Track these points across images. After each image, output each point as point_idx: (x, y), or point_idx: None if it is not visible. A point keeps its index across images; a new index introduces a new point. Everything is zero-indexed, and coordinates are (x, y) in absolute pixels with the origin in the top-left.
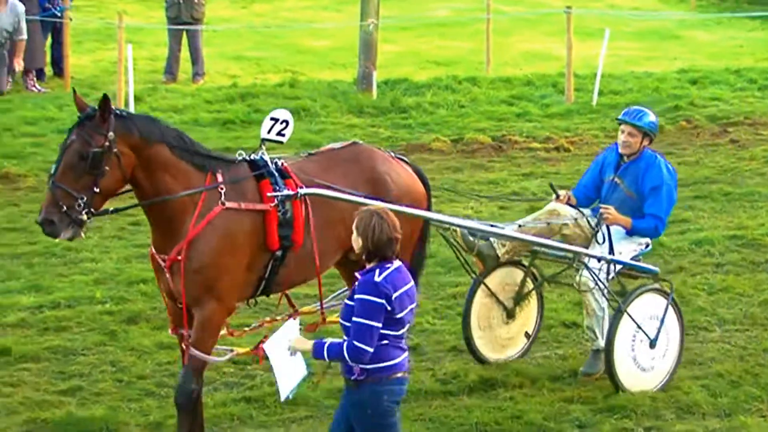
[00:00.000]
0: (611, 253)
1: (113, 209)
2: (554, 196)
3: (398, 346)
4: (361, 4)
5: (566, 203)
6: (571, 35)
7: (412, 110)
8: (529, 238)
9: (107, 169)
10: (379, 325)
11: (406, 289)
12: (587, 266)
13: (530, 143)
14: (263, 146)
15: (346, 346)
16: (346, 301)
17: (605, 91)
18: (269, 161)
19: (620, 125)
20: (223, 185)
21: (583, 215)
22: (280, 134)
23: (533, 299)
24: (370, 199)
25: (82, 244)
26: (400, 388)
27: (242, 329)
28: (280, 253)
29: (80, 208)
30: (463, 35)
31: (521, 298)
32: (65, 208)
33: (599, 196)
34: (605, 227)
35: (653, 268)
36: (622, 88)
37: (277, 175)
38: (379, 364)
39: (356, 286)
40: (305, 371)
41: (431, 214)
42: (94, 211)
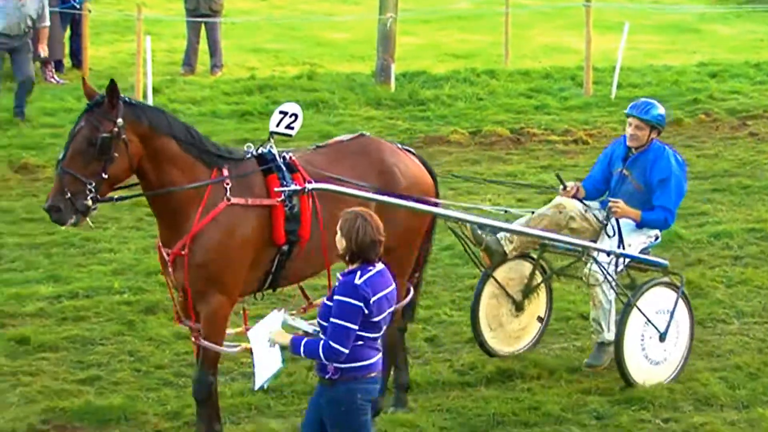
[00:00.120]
0: (620, 246)
1: (117, 197)
2: (561, 187)
3: (373, 347)
4: None
5: (574, 195)
6: (590, 28)
7: (430, 103)
8: (536, 232)
9: (116, 155)
10: (355, 327)
11: (386, 292)
12: (596, 260)
13: (548, 136)
14: (272, 139)
15: (322, 345)
16: (324, 300)
17: (624, 84)
18: (277, 155)
19: (628, 118)
20: (228, 181)
21: (589, 209)
22: (289, 127)
23: (542, 290)
24: (378, 192)
25: (100, 234)
26: (373, 387)
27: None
28: (286, 247)
29: (88, 194)
30: (482, 28)
31: (530, 290)
32: (70, 194)
33: (608, 188)
34: (615, 220)
35: (663, 261)
36: (641, 81)
37: (284, 169)
38: (353, 363)
39: (336, 286)
40: (280, 364)
41: (440, 210)
42: (99, 197)
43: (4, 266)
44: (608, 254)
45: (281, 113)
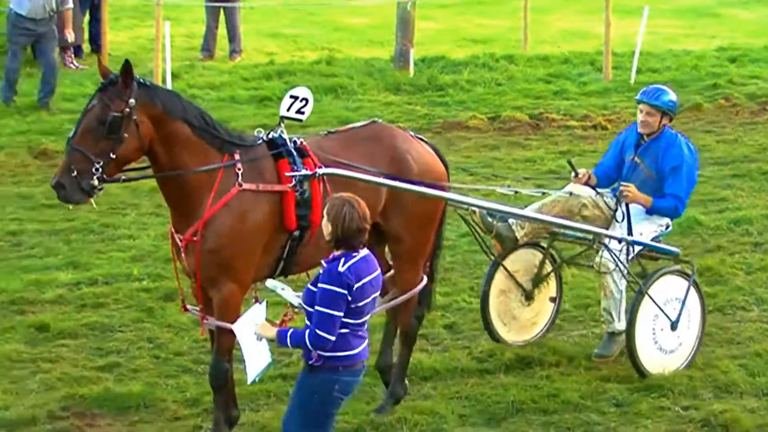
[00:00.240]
0: (630, 233)
1: (124, 177)
2: (573, 174)
3: (358, 334)
4: None
5: (586, 183)
6: (609, 13)
7: (449, 88)
8: (547, 218)
9: (126, 135)
10: (340, 314)
11: (370, 278)
12: (608, 247)
13: (567, 121)
14: (282, 124)
15: (307, 334)
16: (309, 286)
17: (643, 69)
18: (288, 140)
19: (638, 104)
20: (240, 166)
21: (601, 196)
22: (299, 112)
23: (552, 276)
24: (389, 178)
25: (119, 220)
26: (354, 379)
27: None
28: (297, 233)
29: (96, 172)
30: (501, 13)
31: (540, 280)
32: (77, 172)
33: (620, 175)
34: (624, 205)
35: (674, 249)
36: (660, 66)
37: (295, 154)
38: (336, 353)
39: (320, 273)
40: (269, 358)
41: (451, 195)
42: (106, 177)
43: (23, 253)
44: (619, 241)
45: (292, 98)
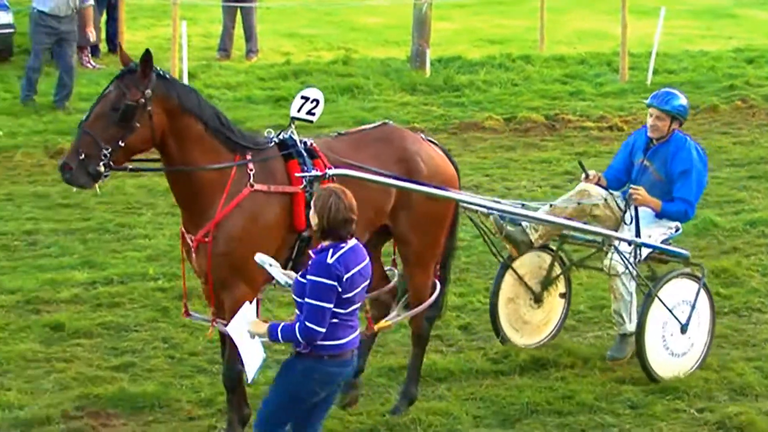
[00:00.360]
0: (638, 235)
1: (132, 166)
2: (583, 175)
3: (348, 324)
4: None
5: (596, 184)
6: (626, 13)
7: (465, 88)
8: (559, 221)
9: (137, 125)
10: (330, 305)
11: (359, 268)
12: (617, 249)
13: (584, 122)
14: (292, 125)
15: (298, 327)
16: (298, 277)
17: (660, 70)
18: (298, 140)
19: (648, 108)
20: (252, 167)
21: (612, 197)
22: (310, 113)
23: (561, 278)
24: (399, 179)
25: (135, 220)
26: (339, 370)
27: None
28: (307, 233)
29: (102, 159)
30: (517, 13)
31: (549, 282)
32: (85, 156)
33: (629, 178)
34: (633, 208)
35: (684, 252)
36: (676, 67)
37: (305, 155)
38: (323, 341)
39: (309, 265)
40: (263, 355)
41: (460, 195)
42: (113, 165)
43: (39, 252)
44: (629, 244)
45: (303, 98)
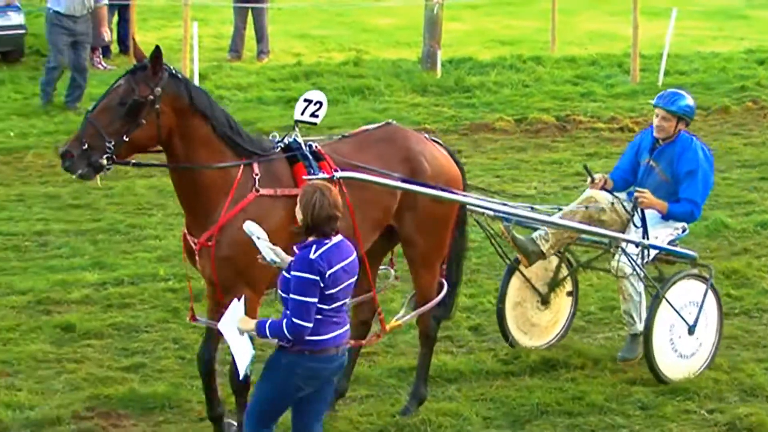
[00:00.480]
0: (645, 237)
1: (134, 162)
2: (589, 179)
3: (332, 320)
4: None
5: (602, 187)
6: (637, 14)
7: (476, 89)
8: (567, 223)
9: (143, 122)
10: (315, 300)
11: (343, 264)
12: (624, 251)
13: (594, 123)
14: (296, 128)
15: (285, 323)
16: (283, 273)
17: (671, 71)
18: (303, 144)
19: (654, 109)
20: (257, 171)
21: (619, 200)
22: (313, 115)
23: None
24: (405, 180)
25: (146, 221)
26: (322, 366)
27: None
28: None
29: (104, 152)
30: (529, 14)
31: (556, 284)
32: (87, 146)
33: (635, 179)
34: (640, 211)
35: (691, 252)
36: (688, 68)
37: (311, 158)
38: (299, 338)
39: (293, 261)
40: (252, 351)
41: (465, 197)
42: (116, 159)
43: (50, 253)
44: (637, 245)
45: (306, 101)
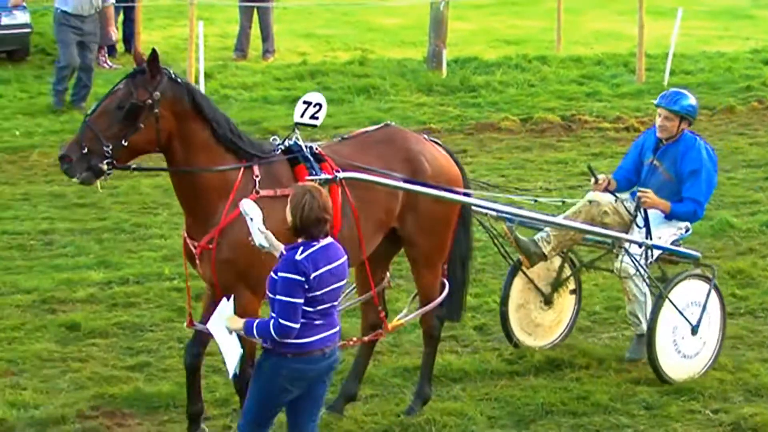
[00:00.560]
0: (648, 237)
1: (135, 166)
2: (593, 180)
3: (317, 323)
4: None
5: (605, 187)
6: (643, 14)
7: (481, 89)
8: (570, 223)
9: (142, 126)
10: (300, 301)
11: (329, 267)
12: (628, 251)
13: (600, 123)
14: (296, 131)
15: (272, 324)
16: (271, 274)
17: (677, 71)
18: (303, 146)
19: (657, 108)
20: (258, 173)
21: (620, 201)
22: (313, 117)
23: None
24: (407, 181)
25: (151, 220)
26: (307, 367)
27: (399, 320)
28: None
29: (103, 156)
30: (534, 14)
31: (559, 284)
32: (87, 150)
33: (639, 179)
34: (643, 211)
35: (695, 253)
36: (693, 68)
37: (312, 159)
38: (286, 339)
39: (280, 262)
40: (240, 350)
41: (474, 199)
42: (116, 163)
43: (55, 252)
44: (640, 246)
45: (305, 103)
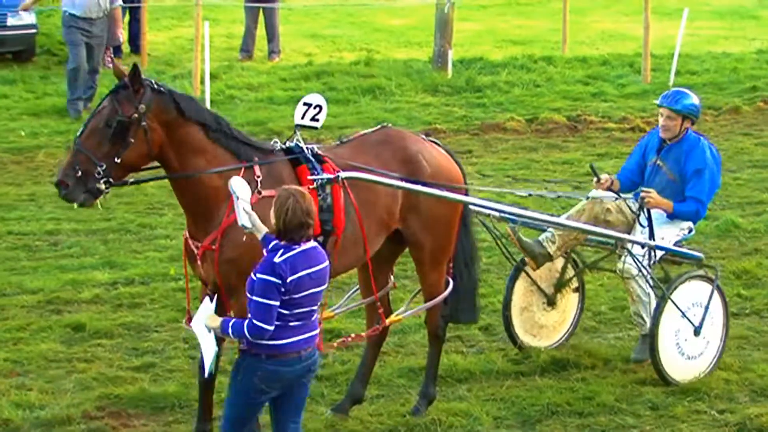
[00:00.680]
0: (651, 238)
1: (133, 180)
2: (595, 179)
3: (293, 326)
4: None
5: (609, 188)
6: (648, 14)
7: (487, 89)
8: (573, 224)
9: (132, 141)
10: (276, 303)
11: (308, 272)
12: (630, 252)
13: (606, 123)
14: (297, 132)
15: (246, 324)
16: (252, 275)
17: (683, 71)
18: (304, 147)
19: (659, 108)
20: (259, 173)
21: (624, 201)
22: (314, 119)
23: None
24: (407, 180)
25: (156, 220)
26: (283, 369)
27: (397, 316)
28: (321, 239)
29: (99, 176)
30: (540, 14)
31: (562, 285)
32: (81, 173)
33: (642, 179)
34: (646, 211)
35: (697, 253)
36: (699, 68)
37: (313, 160)
38: (260, 340)
39: (259, 264)
40: (215, 348)
41: (474, 199)
42: (113, 181)
43: (60, 252)
44: (642, 246)
45: (305, 105)
